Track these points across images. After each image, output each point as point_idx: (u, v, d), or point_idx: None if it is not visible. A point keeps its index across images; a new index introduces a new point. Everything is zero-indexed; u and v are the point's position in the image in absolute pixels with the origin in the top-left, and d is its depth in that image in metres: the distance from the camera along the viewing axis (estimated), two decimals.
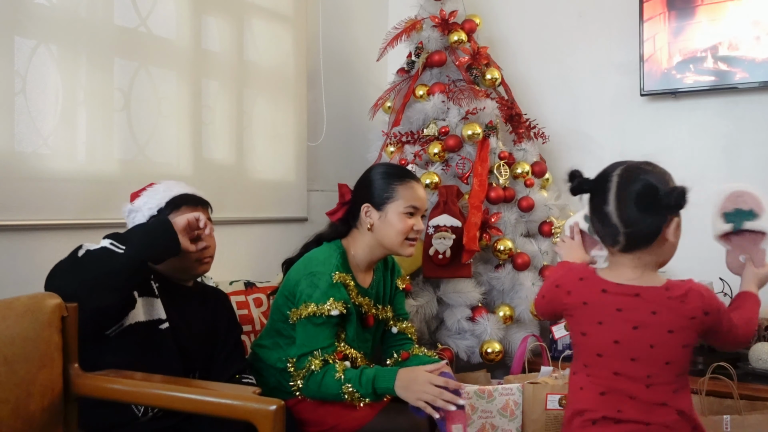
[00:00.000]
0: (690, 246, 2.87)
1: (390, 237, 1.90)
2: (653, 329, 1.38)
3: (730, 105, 2.81)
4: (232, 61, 2.58)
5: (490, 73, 2.78)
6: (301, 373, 1.77)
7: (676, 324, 1.37)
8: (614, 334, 1.40)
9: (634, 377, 1.38)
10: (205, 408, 1.39)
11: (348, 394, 1.71)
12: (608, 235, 1.42)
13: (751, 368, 2.38)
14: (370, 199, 1.92)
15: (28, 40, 1.91)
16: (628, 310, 1.40)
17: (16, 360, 1.36)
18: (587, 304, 1.44)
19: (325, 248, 1.92)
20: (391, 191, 1.90)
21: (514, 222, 2.66)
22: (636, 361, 1.39)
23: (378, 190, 1.91)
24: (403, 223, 1.89)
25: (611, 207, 1.41)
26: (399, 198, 1.90)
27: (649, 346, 1.38)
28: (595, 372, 1.43)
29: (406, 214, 1.90)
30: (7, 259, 1.87)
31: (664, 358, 1.38)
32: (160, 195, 1.74)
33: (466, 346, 2.50)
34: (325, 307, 1.77)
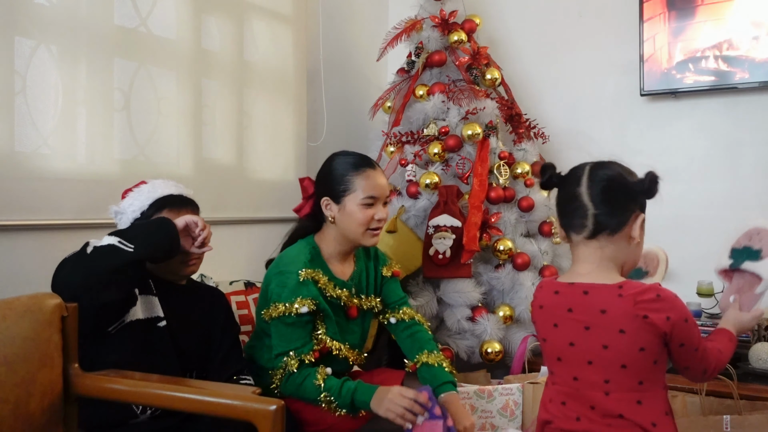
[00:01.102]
0: (690, 246, 2.89)
1: (351, 229, 1.87)
2: (603, 329, 1.32)
3: (730, 105, 2.81)
4: (232, 61, 2.58)
5: (490, 73, 2.78)
6: (279, 373, 1.77)
7: (628, 324, 1.30)
8: (568, 336, 1.36)
9: (592, 382, 1.33)
10: (205, 408, 1.39)
11: (325, 402, 1.72)
12: (576, 217, 1.38)
13: (751, 368, 2.38)
14: (328, 192, 1.89)
15: (28, 40, 1.91)
16: (578, 310, 1.36)
17: (16, 360, 1.36)
18: (543, 307, 1.44)
19: (296, 245, 1.91)
20: (347, 183, 1.86)
21: (514, 222, 2.66)
22: (592, 364, 1.33)
23: (334, 182, 1.88)
24: (362, 214, 1.85)
25: (583, 188, 1.39)
26: (356, 189, 1.85)
27: (602, 347, 1.32)
28: (558, 379, 1.41)
29: (364, 205, 1.86)
30: (7, 259, 1.87)
31: (619, 360, 1.31)
32: (144, 196, 1.71)
33: (466, 346, 2.50)
34: (293, 306, 1.76)
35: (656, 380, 1.35)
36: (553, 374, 1.43)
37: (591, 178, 1.40)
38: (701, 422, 1.96)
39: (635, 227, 1.38)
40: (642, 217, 1.40)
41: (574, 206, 1.38)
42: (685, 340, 1.33)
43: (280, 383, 1.78)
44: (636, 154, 2.98)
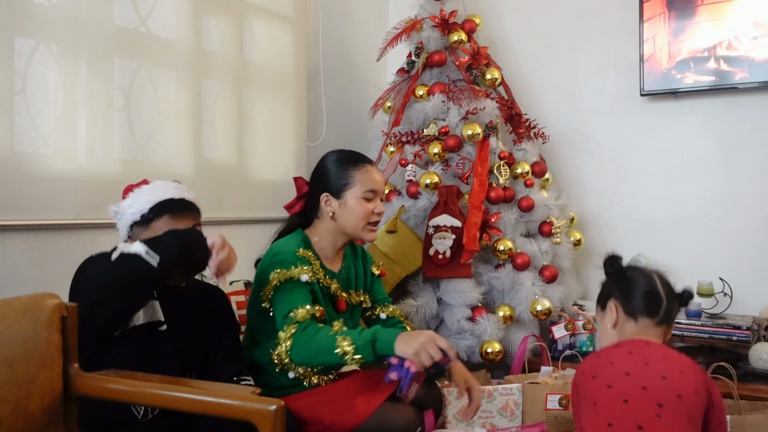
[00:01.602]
0: (690, 246, 2.89)
1: (352, 223, 1.91)
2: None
3: (730, 105, 2.82)
4: (232, 61, 2.58)
5: (490, 73, 2.78)
6: (289, 329, 1.71)
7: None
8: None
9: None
10: (205, 408, 1.39)
11: (342, 348, 1.64)
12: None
13: (751, 368, 2.38)
14: (328, 188, 1.92)
15: (28, 40, 1.91)
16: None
17: (16, 360, 1.36)
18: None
19: (285, 238, 1.94)
20: (348, 177, 1.90)
21: (514, 222, 2.66)
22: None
23: (334, 178, 1.92)
24: (363, 207, 1.90)
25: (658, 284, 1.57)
26: (356, 183, 1.90)
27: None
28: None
29: (364, 198, 1.90)
30: (7, 259, 1.87)
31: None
32: (143, 198, 1.67)
33: (466, 346, 2.50)
34: (294, 271, 1.77)
35: None
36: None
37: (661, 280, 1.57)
38: None
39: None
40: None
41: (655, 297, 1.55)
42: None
43: (290, 343, 1.70)
44: (636, 154, 3.02)
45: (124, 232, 1.69)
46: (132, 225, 1.66)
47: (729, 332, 2.49)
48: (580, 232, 2.89)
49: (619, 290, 1.56)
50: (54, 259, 1.98)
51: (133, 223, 1.66)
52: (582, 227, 3.01)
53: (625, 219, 3.03)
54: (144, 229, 1.65)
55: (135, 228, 1.66)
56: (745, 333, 2.47)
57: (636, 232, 2.99)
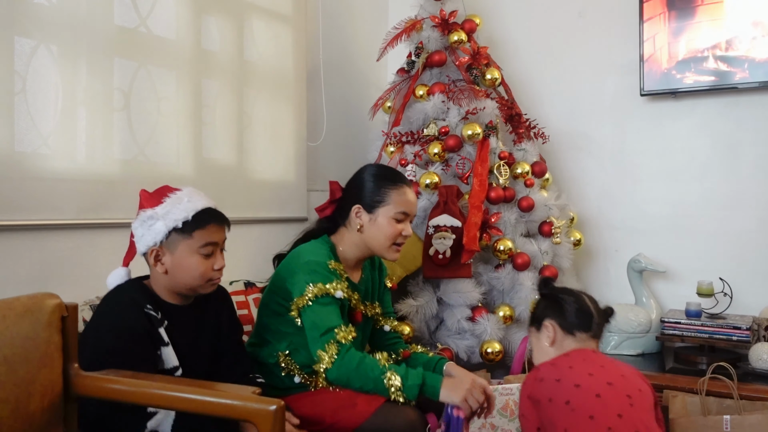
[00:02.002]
0: (690, 246, 2.89)
1: (378, 240, 1.89)
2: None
3: (730, 105, 2.82)
4: (232, 61, 2.58)
5: (490, 73, 2.78)
6: (331, 351, 1.69)
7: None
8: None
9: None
10: (205, 408, 1.39)
11: (390, 383, 1.66)
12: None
13: (751, 368, 2.38)
14: (361, 200, 1.91)
15: (28, 40, 1.91)
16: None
17: (16, 360, 1.36)
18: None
19: (313, 242, 1.92)
20: (383, 195, 1.89)
21: (514, 222, 2.66)
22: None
23: (370, 192, 1.91)
24: (392, 227, 1.89)
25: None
26: (390, 203, 1.89)
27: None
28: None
29: (395, 219, 1.89)
30: (7, 259, 1.87)
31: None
32: (184, 205, 1.63)
33: (466, 346, 2.50)
34: (330, 286, 1.76)
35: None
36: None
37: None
38: (701, 422, 1.96)
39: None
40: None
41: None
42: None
43: (332, 363, 1.69)
44: (636, 154, 3.02)
45: (155, 236, 1.63)
46: (170, 231, 1.62)
47: (729, 332, 2.49)
48: (580, 232, 2.89)
49: (553, 310, 1.67)
50: (54, 259, 1.98)
51: (172, 229, 1.62)
52: (582, 227, 3.01)
53: (625, 219, 3.03)
54: (186, 237, 1.62)
55: (174, 234, 1.63)
56: (745, 333, 2.47)
57: (636, 232, 2.99)
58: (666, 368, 2.50)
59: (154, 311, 1.62)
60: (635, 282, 2.78)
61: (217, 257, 1.68)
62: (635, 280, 2.78)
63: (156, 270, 1.65)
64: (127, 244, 1.74)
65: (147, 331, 1.58)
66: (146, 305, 1.61)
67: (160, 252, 1.64)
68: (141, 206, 1.68)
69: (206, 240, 1.64)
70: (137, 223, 1.67)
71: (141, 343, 1.55)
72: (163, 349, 1.60)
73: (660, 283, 2.94)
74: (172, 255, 1.63)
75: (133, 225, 1.69)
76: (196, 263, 1.64)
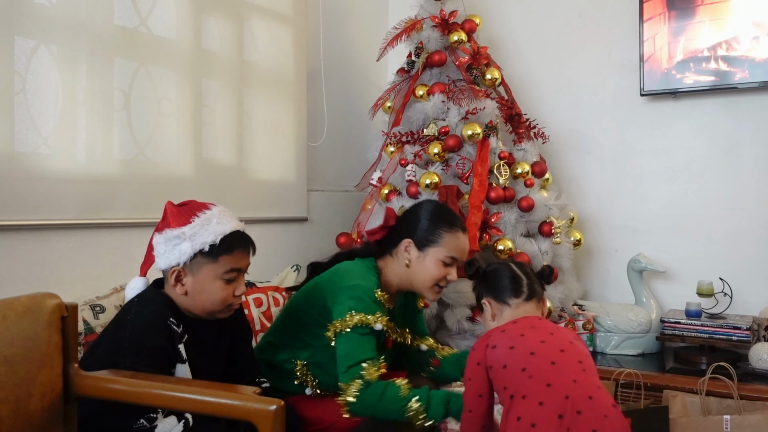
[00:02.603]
0: (690, 246, 2.89)
1: (422, 279, 1.87)
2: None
3: (730, 105, 2.82)
4: (232, 61, 2.58)
5: (490, 73, 2.78)
6: (355, 384, 1.66)
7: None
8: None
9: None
10: (205, 408, 1.39)
11: (412, 410, 1.64)
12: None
13: (751, 368, 2.38)
14: (414, 236, 1.88)
15: (28, 40, 1.91)
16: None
17: (16, 360, 1.36)
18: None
19: (360, 264, 1.89)
20: (437, 236, 1.86)
21: (514, 222, 2.66)
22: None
23: (424, 230, 1.88)
24: (439, 270, 1.86)
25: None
26: (442, 245, 1.86)
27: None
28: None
29: (443, 262, 1.87)
30: (7, 259, 1.87)
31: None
32: (212, 227, 1.59)
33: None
34: (372, 318, 1.73)
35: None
36: None
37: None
38: (701, 422, 1.96)
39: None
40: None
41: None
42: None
43: (355, 398, 1.66)
44: (636, 154, 3.02)
45: (179, 256, 1.59)
46: (196, 253, 1.58)
47: (729, 332, 2.49)
48: (580, 232, 2.89)
49: (486, 287, 1.72)
50: (54, 259, 1.98)
51: (199, 251, 1.58)
52: (582, 227, 3.01)
53: (625, 219, 3.03)
54: (211, 262, 1.59)
55: (199, 257, 1.59)
56: (745, 333, 2.47)
57: (636, 232, 2.99)
58: (666, 368, 2.50)
59: (176, 325, 1.59)
60: (635, 282, 2.78)
61: (239, 283, 1.64)
62: (635, 280, 2.78)
63: (175, 290, 1.61)
64: (127, 244, 1.74)
65: (167, 351, 1.55)
66: (170, 318, 1.58)
67: (182, 273, 1.60)
68: (167, 222, 1.62)
69: (231, 266, 1.61)
70: (161, 239, 1.61)
71: (159, 365, 1.52)
72: (179, 367, 1.57)
73: (660, 283, 2.94)
74: (194, 277, 1.60)
75: (155, 239, 1.63)
76: (219, 289, 1.60)
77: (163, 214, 1.64)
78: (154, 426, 1.47)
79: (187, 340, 1.61)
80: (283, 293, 2.35)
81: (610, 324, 2.72)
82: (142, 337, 1.53)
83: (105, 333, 1.63)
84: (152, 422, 1.47)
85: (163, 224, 1.63)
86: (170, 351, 1.56)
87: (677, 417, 2.00)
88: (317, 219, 3.05)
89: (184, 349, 1.59)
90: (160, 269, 1.64)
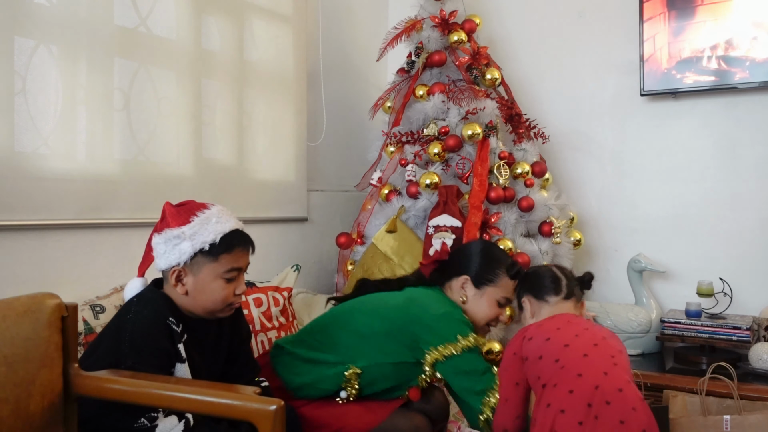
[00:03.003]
0: (690, 246, 2.89)
1: (477, 316, 1.90)
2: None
3: (730, 105, 2.82)
4: (232, 61, 2.58)
5: (490, 73, 2.78)
6: (493, 399, 1.71)
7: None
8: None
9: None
10: (205, 408, 1.39)
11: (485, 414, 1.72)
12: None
13: (751, 368, 2.38)
14: (471, 273, 1.91)
15: (28, 40, 1.91)
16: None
17: (16, 360, 1.36)
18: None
19: (437, 294, 1.92)
20: (495, 276, 1.90)
21: (514, 222, 2.66)
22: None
23: (482, 268, 1.91)
24: (494, 309, 1.90)
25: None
26: (500, 285, 1.90)
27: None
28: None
29: (498, 302, 1.91)
30: (7, 259, 1.87)
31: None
32: (212, 227, 1.58)
33: None
34: (481, 341, 1.81)
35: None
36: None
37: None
38: (701, 422, 1.96)
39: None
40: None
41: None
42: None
43: (490, 414, 1.71)
44: (636, 154, 3.02)
45: (180, 256, 1.58)
46: (196, 253, 1.58)
47: (729, 332, 2.49)
48: (580, 232, 2.89)
49: (526, 286, 1.77)
50: (54, 259, 1.98)
51: (198, 251, 1.58)
52: (582, 227, 3.01)
53: (625, 219, 3.03)
54: (211, 261, 1.59)
55: (199, 256, 1.58)
56: (745, 333, 2.47)
57: (636, 232, 2.99)
58: (666, 368, 2.50)
59: (176, 325, 1.58)
60: (635, 282, 2.78)
61: (239, 282, 1.64)
62: (635, 280, 2.78)
63: (175, 290, 1.61)
64: (127, 244, 1.74)
65: (167, 350, 1.54)
66: (169, 317, 1.57)
67: (182, 273, 1.59)
68: (165, 222, 1.61)
69: (232, 265, 1.60)
70: (160, 239, 1.60)
71: (159, 365, 1.52)
72: (179, 366, 1.57)
73: (660, 283, 2.94)
74: (194, 277, 1.59)
75: (154, 240, 1.63)
76: (219, 288, 1.60)
77: (162, 214, 1.64)
78: (155, 425, 1.47)
79: (186, 340, 1.60)
80: (283, 293, 2.35)
81: (610, 324, 2.72)
82: (142, 337, 1.52)
83: (104, 333, 1.63)
84: (153, 421, 1.47)
85: (162, 224, 1.62)
86: (170, 351, 1.56)
87: (677, 417, 2.00)
88: (317, 219, 3.05)
89: (183, 348, 1.59)
90: (159, 269, 1.64)
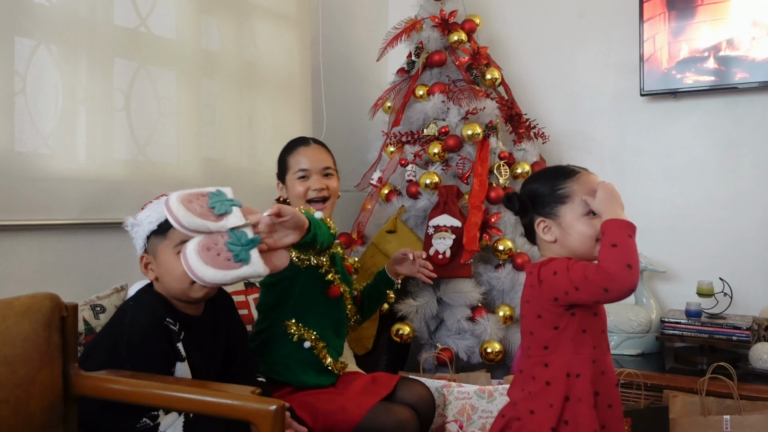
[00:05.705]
0: (690, 246, 2.89)
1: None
2: (521, 302, 1.60)
3: (730, 105, 2.82)
4: (233, 61, 2.58)
5: (490, 73, 2.78)
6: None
7: (527, 294, 1.55)
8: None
9: (523, 349, 1.57)
10: (205, 408, 1.39)
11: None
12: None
13: (751, 368, 2.38)
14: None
15: (28, 40, 1.91)
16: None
17: (16, 360, 1.36)
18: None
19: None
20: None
21: (514, 222, 2.66)
22: (522, 334, 1.59)
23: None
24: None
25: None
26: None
27: (521, 317, 1.58)
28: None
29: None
30: (7, 259, 1.87)
31: (527, 328, 1.54)
32: (161, 208, 1.59)
33: (466, 346, 2.50)
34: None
35: (560, 344, 1.50)
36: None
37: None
38: (701, 422, 1.96)
39: (539, 230, 1.67)
40: (542, 222, 1.67)
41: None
42: (563, 286, 1.48)
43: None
44: (636, 154, 3.02)
45: (140, 243, 1.62)
46: (149, 235, 1.60)
47: (729, 332, 2.49)
48: None
49: (533, 206, 1.68)
50: (54, 259, 1.99)
51: (151, 233, 1.60)
52: None
53: None
54: (162, 240, 1.60)
55: (152, 238, 1.60)
56: (745, 333, 2.47)
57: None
58: (666, 368, 2.50)
59: (173, 324, 1.58)
60: None
61: None
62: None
63: (154, 282, 1.62)
64: (127, 244, 1.73)
65: (165, 353, 1.54)
66: (166, 318, 1.57)
67: (148, 259, 1.61)
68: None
69: (181, 238, 1.55)
70: (130, 233, 1.65)
71: (158, 368, 1.52)
72: (178, 365, 1.57)
73: (660, 283, 2.94)
74: (156, 260, 1.60)
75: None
76: (175, 263, 1.56)
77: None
78: (157, 423, 1.47)
79: (184, 338, 1.60)
80: None
81: (609, 324, 2.71)
82: (141, 341, 1.52)
83: (102, 336, 1.63)
84: (155, 420, 1.48)
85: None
86: (169, 352, 1.56)
87: (677, 417, 2.00)
88: None
89: (182, 347, 1.59)
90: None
